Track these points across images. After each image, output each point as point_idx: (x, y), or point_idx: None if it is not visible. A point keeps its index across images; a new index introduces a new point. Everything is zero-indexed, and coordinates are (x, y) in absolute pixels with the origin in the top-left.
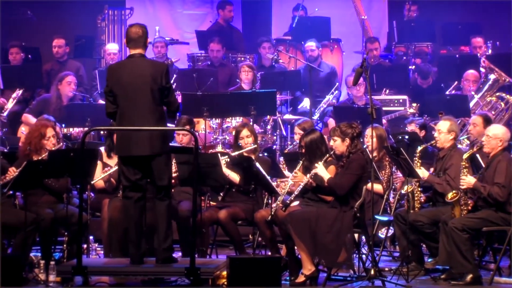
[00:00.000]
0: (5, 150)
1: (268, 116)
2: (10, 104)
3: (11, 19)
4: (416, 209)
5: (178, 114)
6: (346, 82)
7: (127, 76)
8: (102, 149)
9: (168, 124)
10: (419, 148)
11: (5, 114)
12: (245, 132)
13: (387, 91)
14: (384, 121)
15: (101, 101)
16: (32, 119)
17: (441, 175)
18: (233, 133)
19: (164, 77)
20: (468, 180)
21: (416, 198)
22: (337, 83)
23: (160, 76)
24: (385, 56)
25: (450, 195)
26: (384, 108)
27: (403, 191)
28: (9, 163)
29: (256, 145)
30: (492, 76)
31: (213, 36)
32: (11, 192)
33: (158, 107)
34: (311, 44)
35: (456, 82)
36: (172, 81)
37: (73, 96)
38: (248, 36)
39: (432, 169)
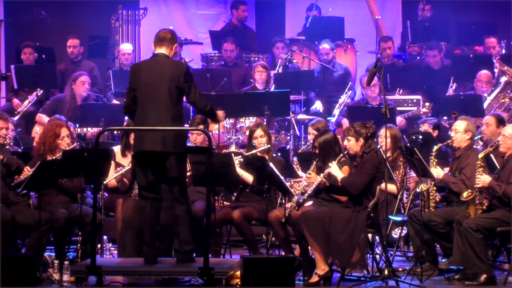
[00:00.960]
0: (19, 150)
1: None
2: (23, 107)
3: (25, 19)
4: (431, 208)
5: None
6: (361, 82)
7: (147, 75)
8: (116, 148)
9: None
10: (435, 148)
11: (15, 118)
12: (259, 132)
13: (401, 91)
14: (401, 118)
15: (115, 101)
16: (46, 119)
17: (457, 174)
18: (247, 133)
19: (183, 77)
20: (483, 178)
21: (431, 197)
22: (350, 83)
23: (179, 76)
24: (399, 56)
25: (465, 194)
26: (398, 108)
27: (418, 190)
28: (25, 162)
29: (269, 145)
30: (503, 79)
31: (226, 36)
32: (25, 191)
33: (175, 107)
34: (325, 47)
35: (455, 83)
36: None
37: (87, 96)
38: (262, 36)
39: (447, 169)
